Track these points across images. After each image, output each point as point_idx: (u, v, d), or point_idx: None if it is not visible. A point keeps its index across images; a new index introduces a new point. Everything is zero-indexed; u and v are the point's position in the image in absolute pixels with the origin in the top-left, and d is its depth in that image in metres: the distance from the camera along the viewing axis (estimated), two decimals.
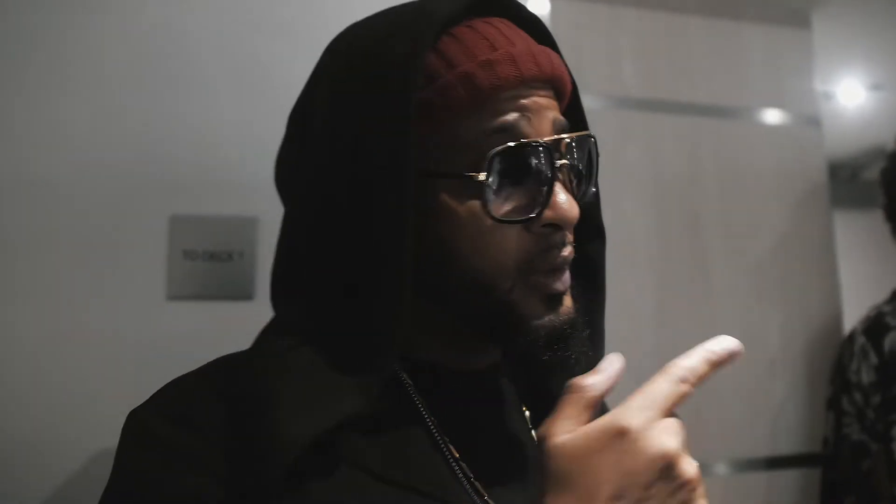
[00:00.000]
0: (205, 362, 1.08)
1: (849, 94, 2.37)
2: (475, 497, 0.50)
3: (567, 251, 0.50)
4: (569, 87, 0.54)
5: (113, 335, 1.09)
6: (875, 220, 1.62)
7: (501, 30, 0.50)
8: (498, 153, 0.46)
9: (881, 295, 1.50)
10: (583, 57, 1.49)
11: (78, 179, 1.11)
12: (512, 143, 0.47)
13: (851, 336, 1.45)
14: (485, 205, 0.47)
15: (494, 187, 0.47)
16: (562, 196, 0.48)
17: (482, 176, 0.46)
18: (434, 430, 0.52)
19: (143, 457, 0.48)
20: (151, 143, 1.14)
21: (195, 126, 1.16)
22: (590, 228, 0.58)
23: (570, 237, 0.51)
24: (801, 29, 1.71)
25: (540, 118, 0.49)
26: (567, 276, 0.51)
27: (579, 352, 0.51)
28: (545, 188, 0.47)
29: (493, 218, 0.47)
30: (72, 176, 1.10)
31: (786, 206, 1.62)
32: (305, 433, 0.43)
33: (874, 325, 1.40)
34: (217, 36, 1.20)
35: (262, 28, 1.22)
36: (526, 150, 0.47)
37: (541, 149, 0.47)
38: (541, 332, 0.49)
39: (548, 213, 0.48)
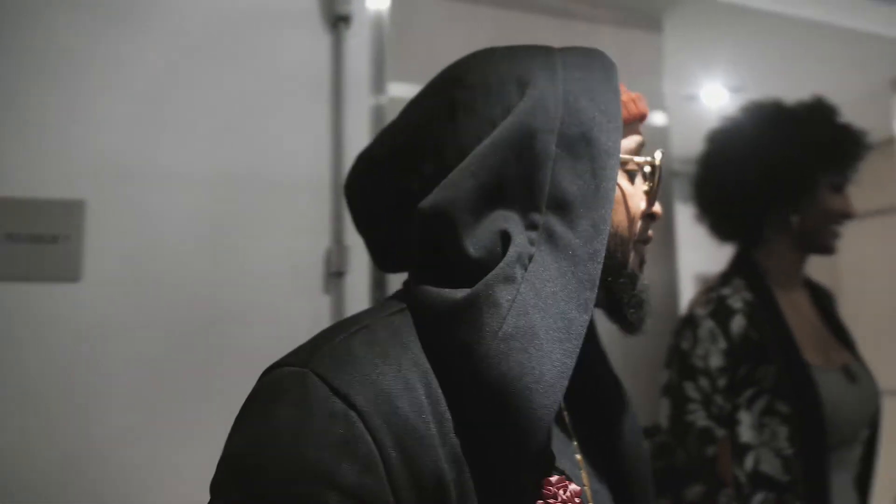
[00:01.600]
0: (28, 341, 1.11)
1: (711, 96, 2.50)
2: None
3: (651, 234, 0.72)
4: None
5: None
6: None
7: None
8: (653, 160, 0.69)
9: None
10: (437, 53, 1.54)
11: None
12: (655, 158, 0.69)
13: (692, 320, 1.40)
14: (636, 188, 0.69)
15: (641, 180, 0.70)
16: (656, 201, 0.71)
17: (647, 168, 0.69)
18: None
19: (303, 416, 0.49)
20: None
21: (21, 110, 1.17)
22: None
23: None
24: (653, 33, 1.82)
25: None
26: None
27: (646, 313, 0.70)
28: (654, 192, 0.70)
29: (645, 200, 0.69)
30: None
31: None
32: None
33: (719, 309, 1.38)
34: (55, 18, 1.20)
35: (97, 12, 1.23)
36: (653, 163, 0.70)
37: (656, 166, 0.70)
38: (638, 287, 0.68)
39: (655, 208, 0.70)
